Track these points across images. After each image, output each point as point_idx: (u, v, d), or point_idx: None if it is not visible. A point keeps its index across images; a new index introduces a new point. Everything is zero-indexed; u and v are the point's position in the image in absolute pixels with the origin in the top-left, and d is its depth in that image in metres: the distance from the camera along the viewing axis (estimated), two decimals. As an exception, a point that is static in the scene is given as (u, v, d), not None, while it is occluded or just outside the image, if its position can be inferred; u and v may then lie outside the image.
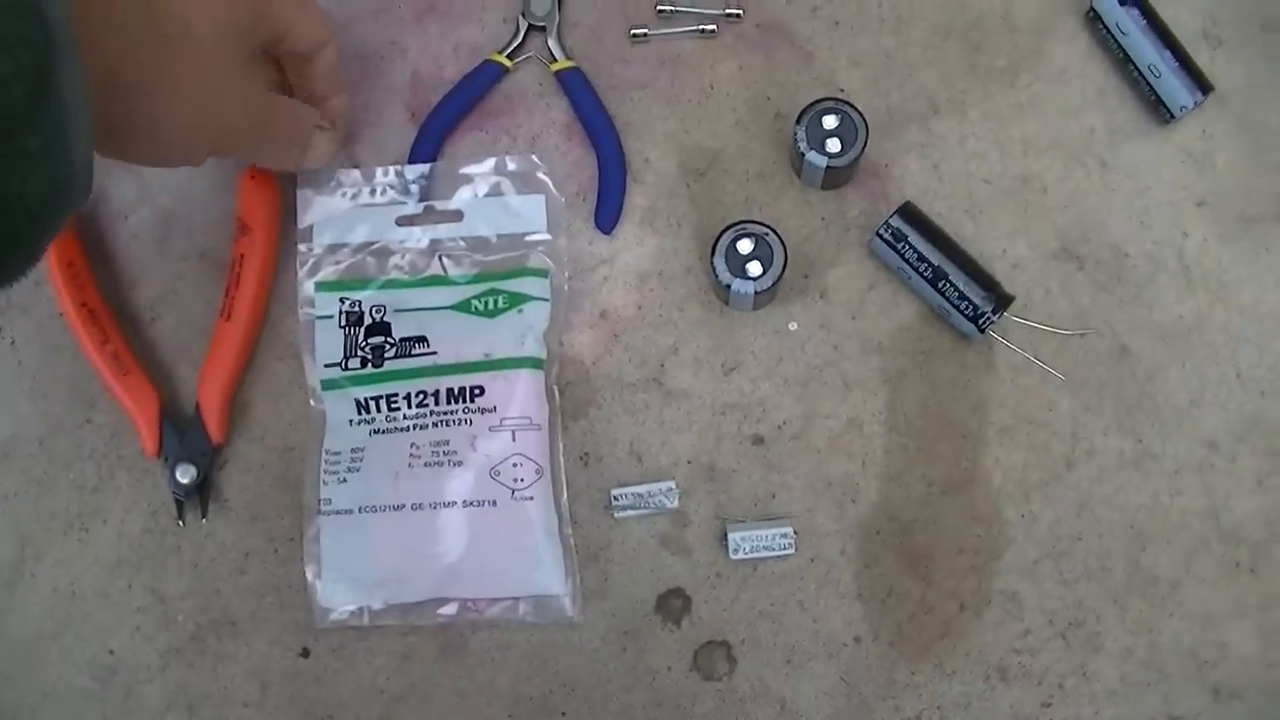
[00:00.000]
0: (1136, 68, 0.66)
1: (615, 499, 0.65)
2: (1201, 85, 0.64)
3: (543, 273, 0.65)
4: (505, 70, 0.68)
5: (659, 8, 0.68)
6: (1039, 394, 0.66)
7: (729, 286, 0.62)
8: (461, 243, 0.66)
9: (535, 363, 0.64)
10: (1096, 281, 0.66)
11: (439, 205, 0.66)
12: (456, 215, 0.66)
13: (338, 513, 0.64)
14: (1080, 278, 0.66)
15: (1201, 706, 0.63)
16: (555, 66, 0.68)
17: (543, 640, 0.65)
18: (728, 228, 0.63)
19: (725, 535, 0.64)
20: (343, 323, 0.65)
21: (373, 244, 0.66)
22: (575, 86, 0.67)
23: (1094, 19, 0.66)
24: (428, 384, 0.63)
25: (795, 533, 0.64)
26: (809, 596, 0.65)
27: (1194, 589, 0.64)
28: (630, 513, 0.65)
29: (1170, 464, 0.65)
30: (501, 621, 0.64)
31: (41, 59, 0.34)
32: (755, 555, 0.64)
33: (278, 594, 0.67)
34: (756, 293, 0.63)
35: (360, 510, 0.63)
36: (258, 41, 0.52)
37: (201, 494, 0.66)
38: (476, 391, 0.63)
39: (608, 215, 0.67)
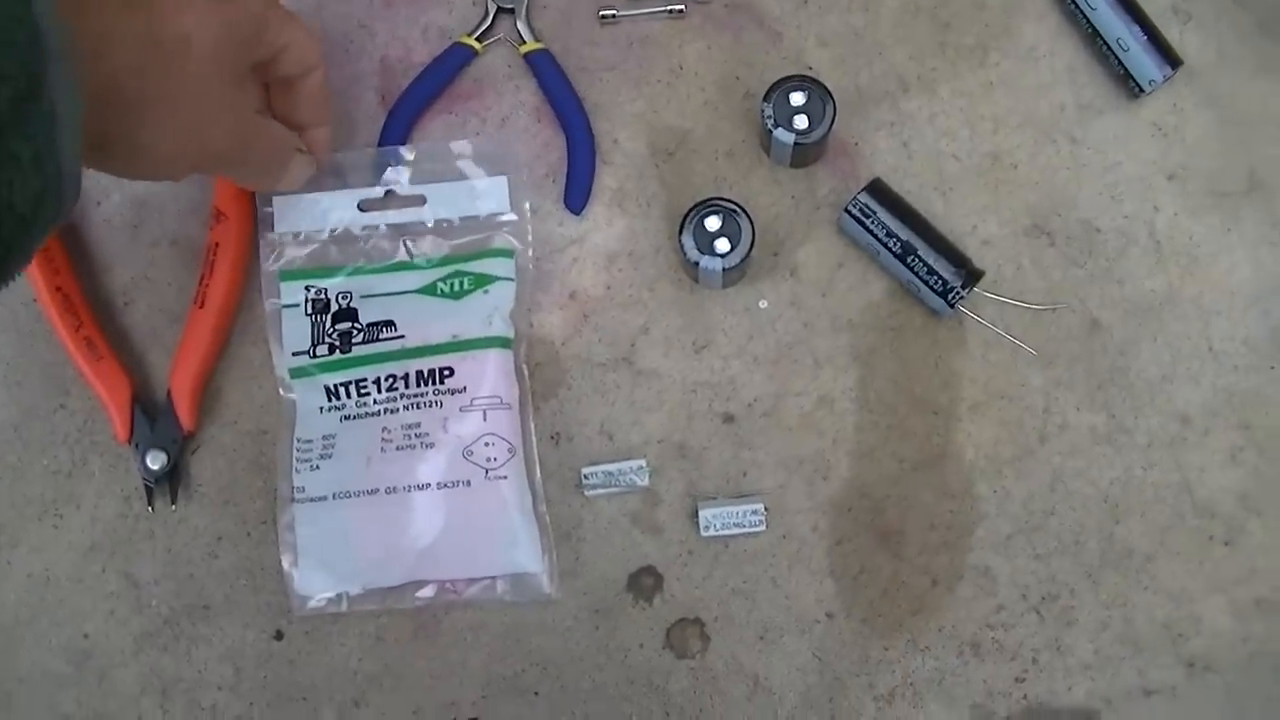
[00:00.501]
0: (1105, 43, 0.66)
1: (586, 478, 0.65)
2: (1170, 60, 0.64)
3: (508, 253, 0.65)
4: (474, 53, 0.68)
5: (627, -11, 0.67)
6: (1010, 369, 0.65)
7: (697, 264, 0.62)
8: (425, 226, 0.65)
9: (504, 342, 0.64)
10: (1067, 256, 0.66)
11: (401, 190, 0.65)
12: (419, 199, 0.65)
13: (311, 500, 0.64)
14: (1051, 253, 0.66)
15: (1176, 680, 0.63)
16: (524, 48, 0.68)
17: (515, 620, 0.65)
18: (696, 205, 0.62)
19: (696, 513, 0.63)
20: (309, 310, 0.65)
21: (336, 230, 0.66)
22: (544, 68, 0.67)
23: (1063, -6, 0.66)
24: (396, 368, 0.63)
25: (766, 510, 0.64)
26: (781, 573, 0.65)
27: (1168, 563, 0.64)
28: (601, 491, 0.65)
29: (1143, 438, 0.65)
30: (478, 601, 0.64)
31: (33, 67, 0.34)
32: (727, 532, 0.64)
33: (250, 577, 0.67)
34: (725, 270, 0.62)
35: (334, 497, 0.63)
36: (251, 61, 0.52)
37: (171, 481, 0.66)
38: (446, 373, 0.63)
39: (577, 196, 0.67)
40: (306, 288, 0.65)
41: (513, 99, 0.69)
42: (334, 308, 0.65)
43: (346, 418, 0.64)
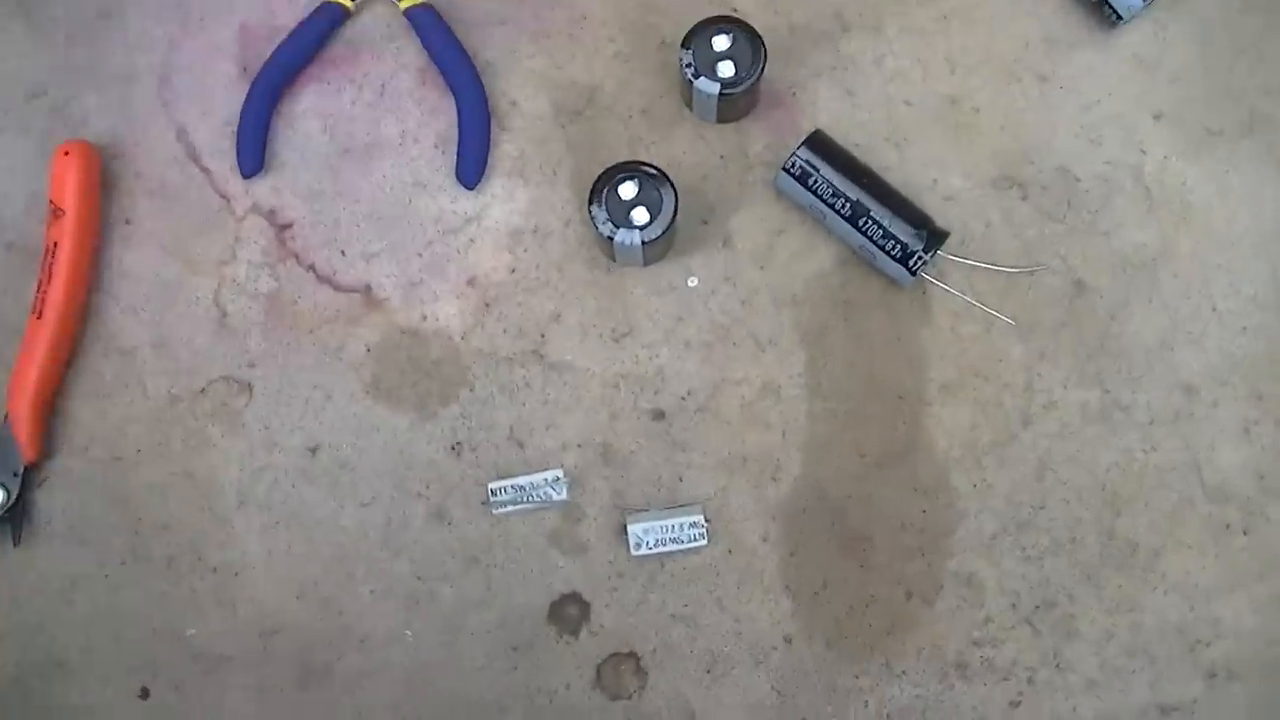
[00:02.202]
0: (1075, -38, 0.58)
1: (494, 494, 0.59)
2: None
3: None
4: (346, 12, 0.62)
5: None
6: (985, 343, 0.60)
7: (612, 238, 0.57)
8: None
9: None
10: (1043, 210, 0.61)
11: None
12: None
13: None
14: (1024, 207, 0.61)
15: (1196, 693, 0.57)
16: (404, 4, 0.62)
17: (420, 660, 0.59)
18: (608, 171, 0.57)
19: (625, 529, 0.58)
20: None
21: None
22: (427, 25, 0.61)
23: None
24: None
25: (707, 520, 0.59)
26: (728, 594, 0.59)
27: (1179, 557, 0.58)
28: (512, 509, 0.59)
29: (1142, 415, 0.59)
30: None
31: None
32: (662, 550, 0.58)
33: (111, 626, 0.60)
34: (645, 244, 0.57)
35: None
36: None
37: (13, 519, 0.56)
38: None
39: (471, 168, 0.61)
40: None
41: (393, 61, 0.63)
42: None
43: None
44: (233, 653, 0.60)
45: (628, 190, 0.57)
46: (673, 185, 0.57)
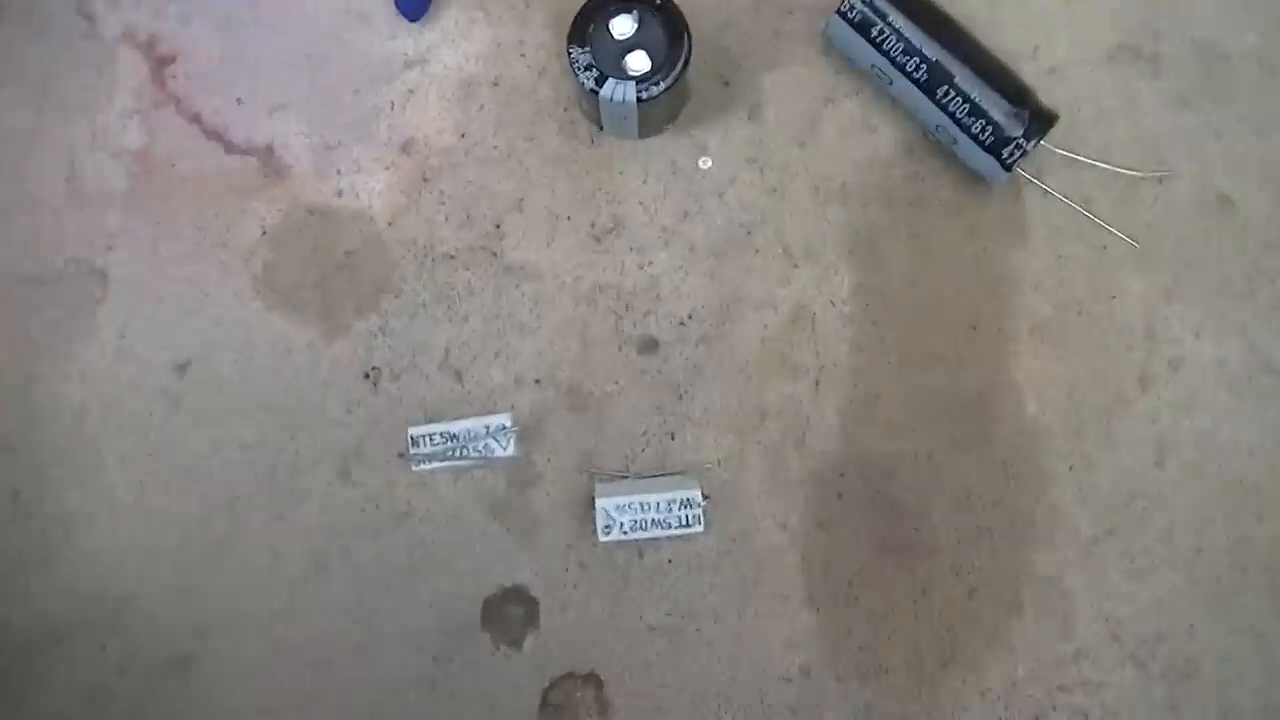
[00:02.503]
0: None
1: (416, 443, 0.51)
2: None
3: None
4: None
5: None
6: (1094, 270, 0.52)
7: (598, 92, 0.48)
8: None
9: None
10: (1177, 95, 0.53)
11: None
12: None
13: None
14: (1151, 90, 0.53)
15: None
16: None
17: (307, 665, 0.51)
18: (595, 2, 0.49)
19: (593, 502, 0.50)
20: None
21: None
22: None
23: None
24: None
25: (706, 497, 0.50)
26: (729, 601, 0.51)
27: None
28: (441, 465, 0.51)
29: None
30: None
31: None
32: (641, 535, 0.49)
33: None
34: (642, 102, 0.48)
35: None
36: None
37: None
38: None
39: None
40: None
41: None
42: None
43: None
44: (68, 627, 0.52)
45: (623, 26, 0.48)
46: (684, 24, 0.48)
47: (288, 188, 0.53)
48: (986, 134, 0.48)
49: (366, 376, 0.52)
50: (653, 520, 0.49)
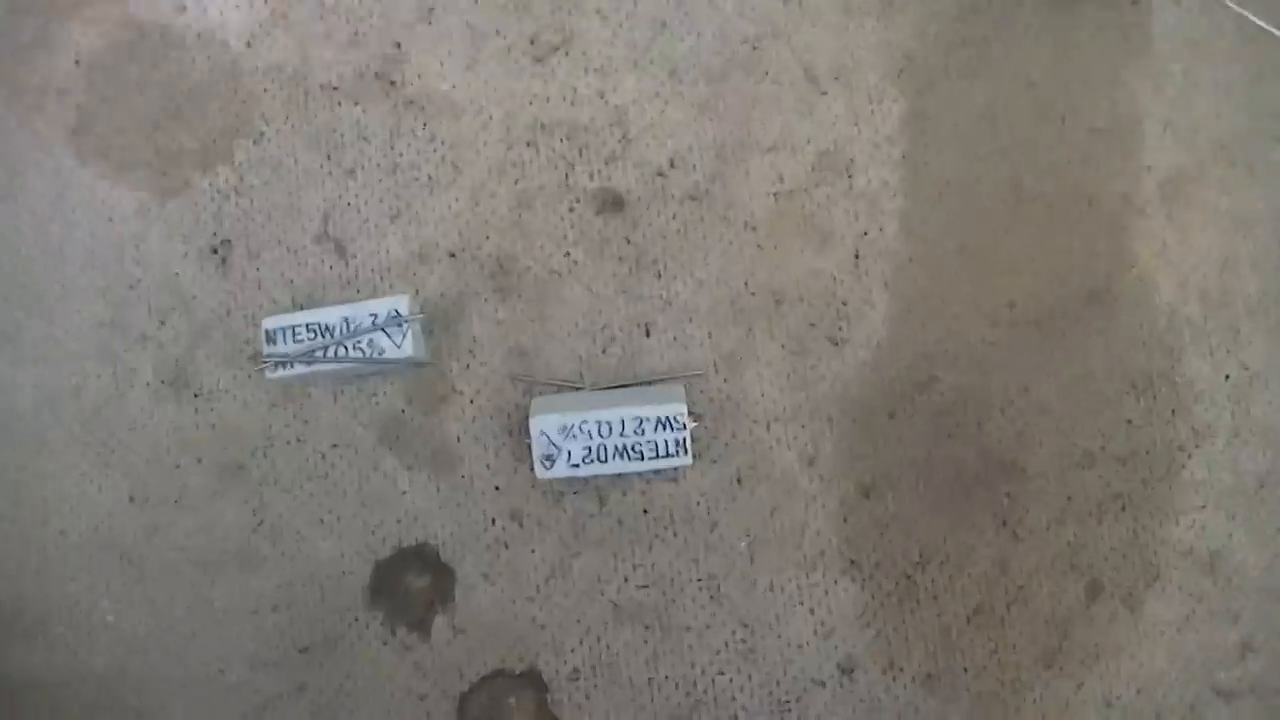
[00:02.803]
0: None
1: (272, 338, 0.38)
2: None
3: None
4: None
5: None
6: (1255, 94, 0.37)
7: None
8: None
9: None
10: None
11: None
12: None
13: None
14: None
15: None
16: None
17: (127, 659, 0.37)
18: None
19: (526, 424, 0.37)
20: None
21: None
22: None
23: None
24: None
25: (695, 417, 0.38)
26: (730, 568, 0.38)
27: None
28: (307, 369, 0.39)
29: None
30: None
31: None
32: (599, 469, 0.39)
33: None
34: None
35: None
36: None
37: None
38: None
39: None
40: None
41: None
42: None
43: None
44: None
45: None
46: None
47: (112, 1, 0.40)
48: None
49: (214, 251, 0.39)
50: (617, 448, 0.39)
